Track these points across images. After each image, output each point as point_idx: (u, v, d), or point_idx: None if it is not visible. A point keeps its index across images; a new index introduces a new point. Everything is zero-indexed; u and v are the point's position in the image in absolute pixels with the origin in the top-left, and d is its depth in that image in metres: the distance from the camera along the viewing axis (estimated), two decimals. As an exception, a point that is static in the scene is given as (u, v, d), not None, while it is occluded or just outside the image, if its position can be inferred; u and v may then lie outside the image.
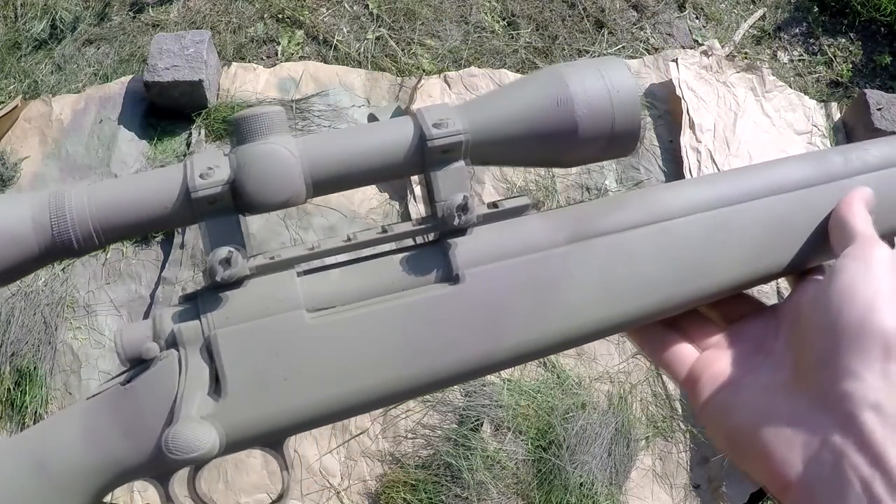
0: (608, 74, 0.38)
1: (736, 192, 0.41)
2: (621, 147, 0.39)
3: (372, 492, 1.74)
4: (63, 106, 2.28)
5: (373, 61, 2.45)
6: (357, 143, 0.37)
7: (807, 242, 0.41)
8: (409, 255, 0.38)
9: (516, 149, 0.38)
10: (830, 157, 0.43)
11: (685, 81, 2.29)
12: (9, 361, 1.83)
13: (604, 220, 0.39)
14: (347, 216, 2.08)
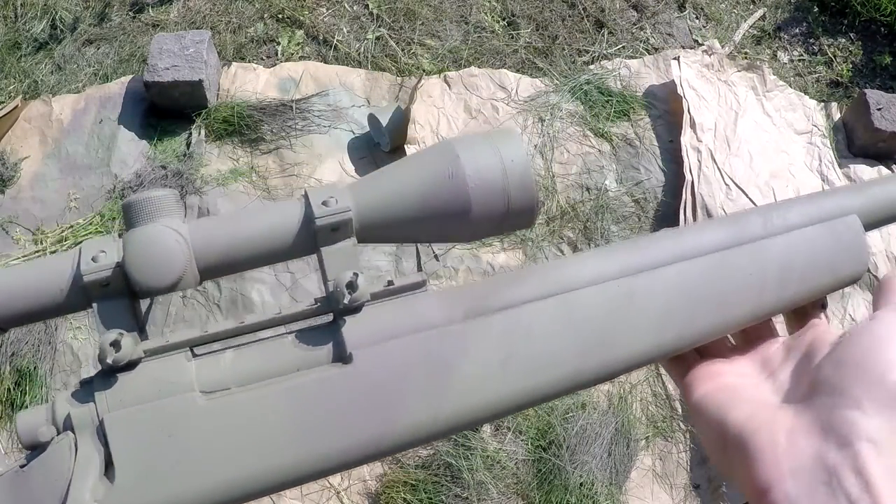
0: (502, 148, 0.37)
1: (644, 260, 0.40)
2: (519, 222, 0.38)
3: (372, 492, 1.74)
4: (63, 106, 2.28)
5: (373, 61, 2.45)
6: (247, 227, 0.37)
7: (728, 305, 0.40)
8: (303, 334, 0.38)
9: (408, 226, 0.38)
10: (749, 218, 0.42)
11: (686, 80, 2.29)
12: (9, 361, 1.83)
13: (501, 295, 0.38)
14: (347, 216, 2.08)
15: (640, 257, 0.40)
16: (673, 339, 0.39)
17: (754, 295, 0.40)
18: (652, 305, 0.39)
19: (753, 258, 0.40)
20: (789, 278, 0.41)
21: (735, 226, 0.41)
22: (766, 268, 0.40)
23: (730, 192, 2.13)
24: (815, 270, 0.41)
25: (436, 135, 2.21)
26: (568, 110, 2.30)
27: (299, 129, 2.22)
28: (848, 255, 0.42)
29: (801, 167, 2.25)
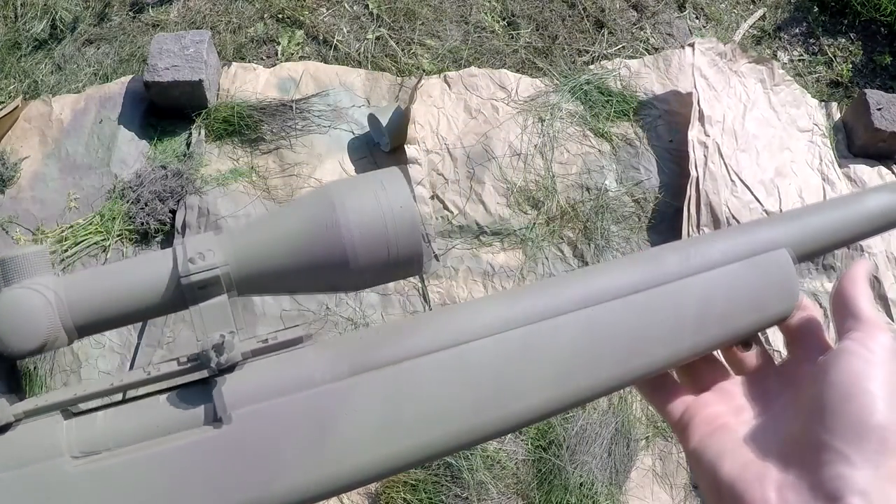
0: (383, 193, 0.35)
1: (549, 306, 0.37)
2: (405, 271, 0.36)
3: (372, 492, 1.74)
4: (63, 106, 2.28)
5: (373, 61, 2.45)
6: (119, 283, 0.35)
7: (640, 352, 0.38)
8: (177, 394, 0.35)
9: (288, 279, 0.36)
10: (665, 256, 0.40)
11: (699, 68, 2.27)
12: (9, 361, 1.83)
13: (389, 348, 0.36)
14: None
15: (545, 303, 0.37)
16: (576, 390, 0.37)
17: (669, 339, 0.38)
18: (554, 355, 0.37)
19: (669, 300, 0.38)
20: (708, 320, 0.39)
21: (650, 265, 0.39)
22: (682, 310, 0.38)
23: (735, 189, 2.12)
24: (737, 310, 0.39)
25: (436, 135, 2.21)
26: (568, 110, 2.30)
27: (299, 129, 2.22)
28: (775, 291, 0.40)
29: (802, 165, 2.24)
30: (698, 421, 0.40)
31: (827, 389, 0.35)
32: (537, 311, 0.37)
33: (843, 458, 0.32)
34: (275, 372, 0.35)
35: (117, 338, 1.92)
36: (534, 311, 0.37)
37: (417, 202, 2.09)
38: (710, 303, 0.39)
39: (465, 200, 2.12)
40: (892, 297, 2.07)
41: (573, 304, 0.37)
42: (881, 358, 0.35)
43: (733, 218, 2.08)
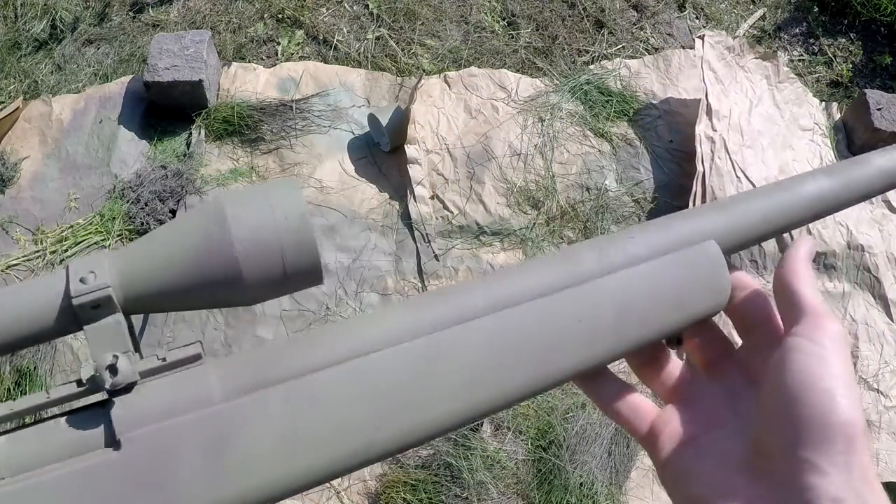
0: (276, 204, 0.34)
1: (456, 312, 0.35)
2: (302, 282, 0.35)
3: (372, 492, 1.74)
4: (63, 106, 2.28)
5: (373, 61, 2.45)
6: (12, 306, 0.34)
7: (555, 356, 0.36)
8: (75, 417, 0.34)
9: (180, 296, 0.34)
10: (581, 255, 0.37)
11: (708, 61, 2.26)
12: (9, 361, 1.83)
13: (287, 363, 0.34)
14: (347, 216, 2.08)
15: (450, 309, 0.35)
16: (483, 400, 0.35)
17: (586, 342, 0.36)
18: (459, 364, 0.35)
19: (584, 301, 0.36)
20: (628, 321, 0.37)
21: (564, 265, 0.37)
22: (598, 311, 0.36)
23: (740, 185, 2.12)
24: (661, 308, 0.37)
25: (436, 135, 2.21)
26: (568, 110, 2.30)
27: (299, 129, 2.22)
28: (704, 286, 0.38)
29: (804, 164, 2.24)
30: (665, 438, 0.39)
31: (783, 395, 0.33)
32: (442, 319, 0.35)
33: (812, 468, 0.31)
34: (171, 391, 0.34)
35: (117, 338, 1.92)
36: (438, 319, 0.35)
37: (417, 202, 2.09)
38: (629, 302, 0.37)
39: (465, 200, 2.12)
40: (892, 298, 2.07)
41: (480, 310, 0.36)
42: (831, 349, 0.33)
43: (733, 218, 2.08)
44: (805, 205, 0.41)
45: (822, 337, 0.33)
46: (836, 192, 0.41)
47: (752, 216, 0.40)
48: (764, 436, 0.34)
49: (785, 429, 0.32)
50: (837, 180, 0.41)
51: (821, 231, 2.11)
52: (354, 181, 2.16)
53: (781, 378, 0.33)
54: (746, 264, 2.06)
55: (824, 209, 0.41)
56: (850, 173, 0.42)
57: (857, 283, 2.09)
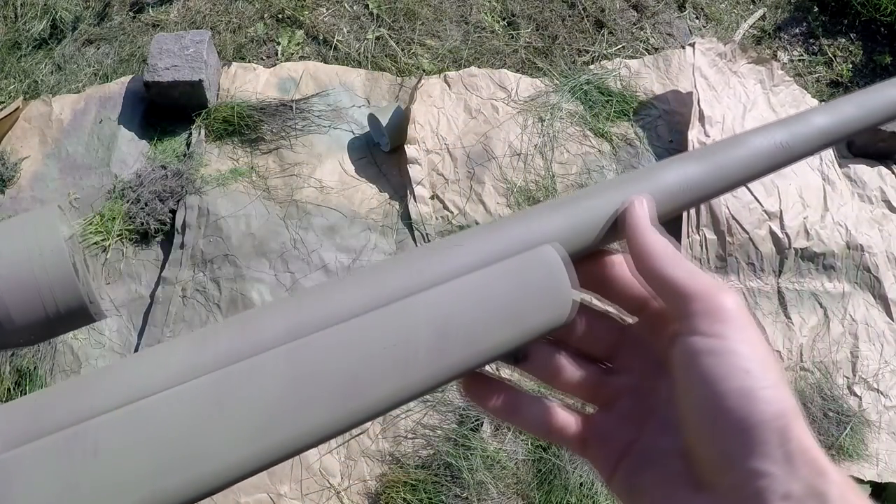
0: (32, 239, 0.30)
1: (243, 344, 0.31)
2: (70, 323, 0.31)
3: (372, 492, 1.74)
4: (63, 106, 2.28)
5: (373, 61, 2.45)
6: None
7: (361, 390, 0.31)
8: None
9: None
10: (393, 270, 0.33)
11: (699, 68, 2.27)
12: (9, 361, 1.83)
13: (64, 409, 0.30)
14: (347, 216, 2.08)
15: (245, 338, 0.31)
16: (283, 442, 0.31)
17: (401, 369, 0.31)
18: (250, 404, 0.30)
19: (397, 322, 0.31)
20: (452, 340, 0.32)
21: (372, 283, 0.32)
22: (414, 332, 0.31)
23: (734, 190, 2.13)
24: (490, 325, 0.32)
25: (436, 135, 2.21)
26: (568, 110, 2.30)
27: (299, 129, 2.22)
28: (540, 296, 0.33)
29: (802, 166, 2.25)
30: (598, 450, 0.35)
31: (700, 405, 0.29)
32: (232, 352, 0.31)
33: (753, 474, 0.28)
34: None
35: (117, 338, 1.92)
36: (228, 352, 0.31)
37: (417, 202, 2.09)
38: (451, 320, 0.32)
39: (465, 200, 2.12)
40: (892, 297, 2.07)
41: (273, 340, 0.31)
42: (733, 336, 0.29)
43: (733, 219, 2.08)
44: (667, 195, 0.36)
45: (717, 326, 0.29)
46: (703, 178, 0.37)
47: (599, 212, 0.35)
48: (694, 447, 0.30)
49: (714, 441, 0.29)
50: (706, 166, 0.37)
51: (819, 231, 2.11)
52: (354, 181, 2.16)
53: (691, 385, 0.29)
54: (743, 267, 2.06)
55: (687, 202, 0.37)
56: (722, 156, 0.38)
57: (857, 283, 2.09)
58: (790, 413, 0.28)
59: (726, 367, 0.28)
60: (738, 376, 0.28)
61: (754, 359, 0.28)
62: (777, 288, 2.05)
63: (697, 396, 0.29)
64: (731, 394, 0.28)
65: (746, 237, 2.07)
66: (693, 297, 0.30)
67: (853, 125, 0.40)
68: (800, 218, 2.12)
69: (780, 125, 0.39)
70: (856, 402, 1.91)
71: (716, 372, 0.28)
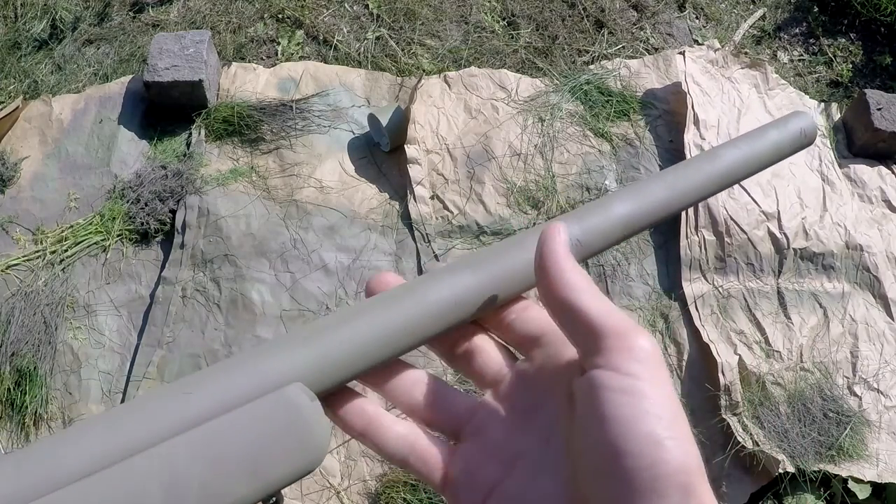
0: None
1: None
2: None
3: (372, 492, 1.74)
4: (63, 106, 2.28)
5: (373, 61, 2.45)
6: None
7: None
8: None
9: None
10: (140, 416, 0.28)
11: (691, 75, 2.28)
12: (9, 361, 1.83)
13: None
14: (347, 216, 2.08)
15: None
16: None
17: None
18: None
19: (119, 486, 0.27)
20: (183, 500, 0.28)
21: (100, 438, 0.28)
22: (143, 498, 0.27)
23: (732, 191, 2.13)
24: (226, 479, 0.28)
25: (436, 135, 2.21)
26: (568, 110, 2.30)
27: (299, 129, 2.22)
28: (287, 446, 0.29)
29: (801, 167, 2.25)
30: (462, 487, 0.32)
31: (599, 446, 0.26)
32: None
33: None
34: None
35: (117, 338, 1.92)
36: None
37: (417, 202, 2.10)
38: (179, 481, 0.28)
39: (465, 200, 2.12)
40: (892, 297, 2.07)
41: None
42: (645, 377, 0.26)
43: (731, 219, 2.08)
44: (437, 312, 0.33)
45: (632, 364, 0.27)
46: (480, 287, 0.33)
47: (350, 344, 0.31)
48: (586, 490, 0.27)
49: (609, 485, 0.26)
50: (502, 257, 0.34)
51: (818, 231, 2.11)
52: (354, 181, 2.16)
53: (592, 423, 0.27)
54: (742, 268, 2.06)
55: (465, 316, 0.33)
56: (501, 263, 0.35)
57: (857, 283, 2.09)
58: (696, 470, 0.26)
59: (636, 409, 0.26)
60: (647, 421, 0.25)
61: (664, 408, 0.26)
62: (777, 288, 2.05)
63: (599, 434, 0.26)
64: (637, 438, 0.25)
65: (745, 238, 2.07)
66: (608, 333, 0.28)
67: (656, 214, 0.40)
68: (798, 218, 2.12)
69: (575, 218, 0.37)
70: (856, 402, 1.91)
71: (624, 412, 0.26)
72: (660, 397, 0.26)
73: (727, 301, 2.02)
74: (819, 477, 1.77)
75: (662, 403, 0.26)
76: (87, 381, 1.85)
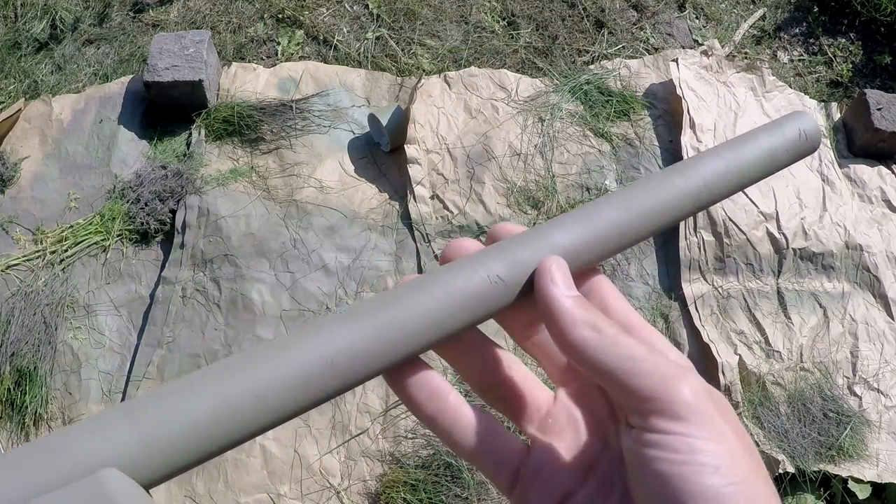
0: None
1: None
2: None
3: (372, 492, 1.74)
4: (63, 106, 2.28)
5: (373, 61, 2.45)
6: None
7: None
8: None
9: None
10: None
11: (685, 81, 2.29)
12: (9, 361, 1.83)
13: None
14: (347, 216, 2.08)
15: None
16: None
17: None
18: None
19: None
20: None
21: None
22: None
23: (730, 192, 2.13)
24: None
25: (436, 135, 2.21)
26: (568, 110, 2.30)
27: (299, 129, 2.22)
28: None
29: (801, 167, 2.25)
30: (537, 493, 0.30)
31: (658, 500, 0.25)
32: None
33: None
34: None
35: (117, 338, 1.92)
36: None
37: (417, 202, 2.10)
38: None
39: (465, 200, 2.12)
40: (892, 296, 2.07)
41: None
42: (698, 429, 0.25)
43: (730, 220, 2.08)
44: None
45: (675, 425, 0.25)
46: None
47: (163, 434, 0.24)
48: None
49: None
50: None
51: (817, 231, 2.11)
52: (354, 181, 2.16)
53: (644, 479, 0.25)
54: (742, 268, 2.06)
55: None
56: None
57: (857, 283, 2.09)
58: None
59: (689, 466, 0.24)
60: (704, 475, 0.24)
61: (720, 455, 0.24)
62: (776, 288, 2.05)
63: (655, 488, 0.25)
64: (695, 495, 0.24)
65: (744, 238, 2.07)
66: (643, 398, 0.25)
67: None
68: (797, 219, 2.12)
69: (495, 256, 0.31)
70: (856, 402, 1.91)
71: (677, 470, 0.24)
72: (713, 446, 0.24)
73: (727, 301, 2.02)
74: (819, 477, 1.77)
75: (716, 452, 0.24)
76: (87, 381, 1.85)
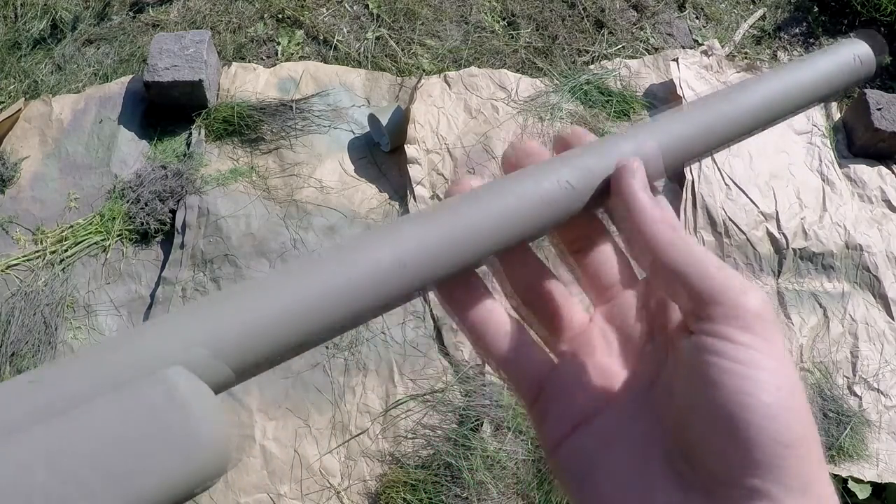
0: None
1: None
2: None
3: (372, 492, 1.74)
4: (63, 106, 2.28)
5: (373, 61, 2.45)
6: None
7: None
8: None
9: None
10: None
11: (686, 81, 2.29)
12: (9, 361, 1.83)
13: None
14: (347, 216, 2.08)
15: None
16: None
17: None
18: None
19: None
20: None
21: None
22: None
23: (730, 192, 2.13)
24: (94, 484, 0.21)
25: (436, 135, 2.21)
26: (568, 110, 2.30)
27: (299, 129, 2.22)
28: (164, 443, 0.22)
29: (801, 167, 2.25)
30: (559, 409, 0.29)
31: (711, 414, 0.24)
32: None
33: (763, 496, 0.24)
34: None
35: (117, 338, 1.92)
36: None
37: (417, 202, 2.10)
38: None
39: (465, 200, 2.12)
40: (892, 296, 2.07)
41: None
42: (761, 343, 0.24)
43: (730, 220, 2.08)
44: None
45: (740, 333, 0.24)
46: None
47: (262, 318, 0.25)
48: (697, 447, 0.26)
49: (723, 452, 0.25)
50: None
51: (817, 231, 2.11)
52: (354, 181, 2.16)
53: (705, 387, 0.25)
54: (742, 268, 2.07)
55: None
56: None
57: (857, 283, 2.09)
58: (814, 443, 0.25)
59: (753, 380, 0.24)
60: (765, 391, 0.24)
61: (783, 375, 0.24)
62: (776, 288, 2.05)
63: (713, 400, 0.24)
64: (755, 410, 0.24)
65: (744, 238, 2.07)
66: (712, 299, 0.25)
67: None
68: (797, 219, 2.12)
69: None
70: (856, 402, 1.92)
71: (740, 384, 0.24)
72: (777, 365, 0.24)
73: (727, 301, 2.02)
74: (819, 477, 1.77)
75: (780, 371, 0.24)
76: (87, 381, 1.85)
